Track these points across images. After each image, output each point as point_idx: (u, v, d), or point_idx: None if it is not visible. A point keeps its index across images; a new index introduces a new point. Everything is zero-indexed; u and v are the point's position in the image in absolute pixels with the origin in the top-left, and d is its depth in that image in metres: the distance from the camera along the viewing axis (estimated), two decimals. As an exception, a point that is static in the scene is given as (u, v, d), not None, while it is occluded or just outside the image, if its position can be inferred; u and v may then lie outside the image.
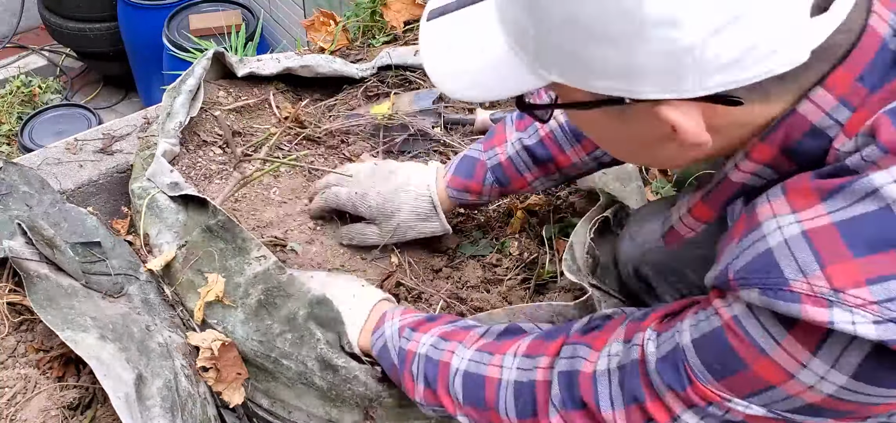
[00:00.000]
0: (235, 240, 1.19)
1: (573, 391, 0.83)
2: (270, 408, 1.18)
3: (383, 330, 1.07)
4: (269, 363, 1.13)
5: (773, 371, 0.65)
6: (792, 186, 0.66)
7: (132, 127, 1.61)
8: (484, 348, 0.94)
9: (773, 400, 0.67)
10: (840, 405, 0.64)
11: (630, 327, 0.82)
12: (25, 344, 1.12)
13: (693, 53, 0.60)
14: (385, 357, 1.05)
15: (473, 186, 1.25)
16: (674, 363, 0.73)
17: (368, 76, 1.69)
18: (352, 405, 1.12)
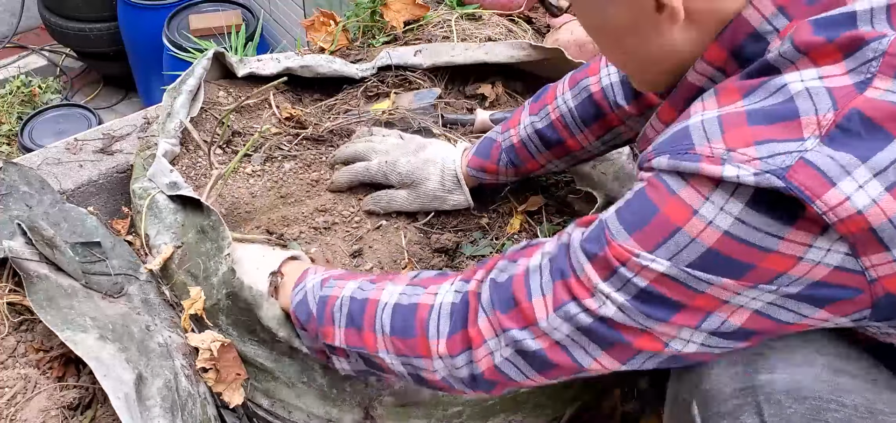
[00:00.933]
0: (218, 240, 1.18)
1: (505, 292, 0.85)
2: (270, 408, 1.18)
3: (305, 284, 1.05)
4: (269, 362, 1.13)
5: (678, 210, 0.71)
6: (722, 88, 0.76)
7: (132, 127, 1.61)
8: (417, 282, 0.96)
9: (677, 249, 0.71)
10: (736, 248, 0.69)
11: (562, 232, 0.87)
12: (25, 344, 1.12)
13: None
14: (302, 309, 1.03)
15: (489, 167, 1.33)
16: (596, 235, 0.78)
17: (368, 76, 1.69)
18: (352, 403, 1.12)
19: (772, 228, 0.68)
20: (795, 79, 0.69)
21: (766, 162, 0.66)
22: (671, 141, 0.74)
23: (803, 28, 0.71)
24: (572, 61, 1.63)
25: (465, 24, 1.89)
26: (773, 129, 0.67)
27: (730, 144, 0.68)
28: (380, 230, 1.38)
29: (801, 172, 0.65)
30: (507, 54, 1.66)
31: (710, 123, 0.71)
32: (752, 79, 0.73)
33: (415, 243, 1.37)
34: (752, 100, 0.71)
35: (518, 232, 1.39)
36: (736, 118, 0.70)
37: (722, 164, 0.68)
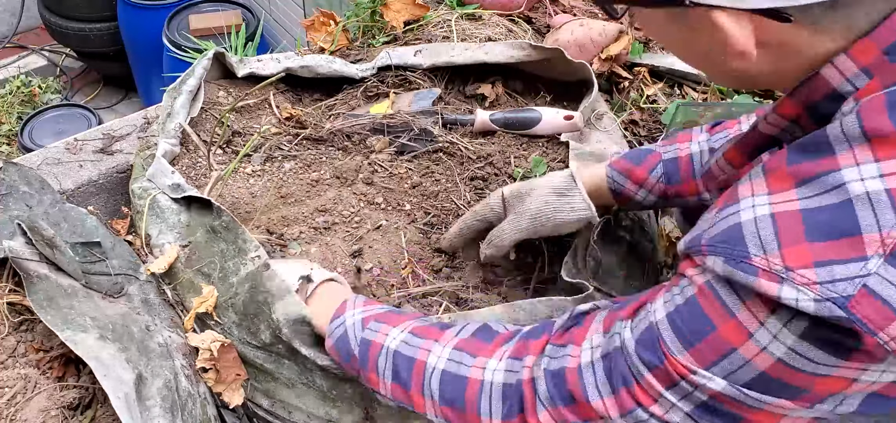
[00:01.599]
0: (236, 241, 1.19)
1: (561, 386, 0.84)
2: (270, 408, 1.18)
3: (344, 319, 1.02)
4: (269, 363, 1.13)
5: (734, 331, 0.69)
6: (771, 168, 0.72)
7: (132, 127, 1.61)
8: (463, 347, 0.93)
9: (732, 368, 0.70)
10: (790, 374, 0.68)
11: (608, 317, 0.85)
12: (25, 344, 1.12)
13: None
14: (343, 347, 1.01)
15: (638, 173, 1.17)
16: (650, 341, 0.76)
17: (368, 76, 1.69)
18: (352, 404, 1.12)
19: (828, 359, 0.66)
20: (854, 176, 0.64)
21: (827, 289, 0.63)
22: (724, 239, 0.70)
23: (876, 103, 0.66)
24: (572, 62, 1.63)
25: (465, 24, 1.89)
26: (832, 246, 0.64)
27: (788, 261, 0.65)
28: (380, 230, 1.38)
29: (864, 302, 0.62)
30: (506, 54, 1.66)
31: (764, 224, 0.67)
32: (806, 160, 0.69)
33: (415, 242, 1.37)
34: (806, 193, 0.67)
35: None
36: (792, 224, 0.66)
37: (780, 283, 0.65)
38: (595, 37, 1.79)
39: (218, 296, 1.17)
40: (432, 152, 1.52)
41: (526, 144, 1.56)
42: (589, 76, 1.62)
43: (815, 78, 0.71)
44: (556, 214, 1.17)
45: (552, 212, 1.17)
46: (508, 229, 1.20)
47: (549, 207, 1.17)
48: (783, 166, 0.70)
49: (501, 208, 1.22)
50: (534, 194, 1.18)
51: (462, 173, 1.49)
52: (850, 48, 0.68)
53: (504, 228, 1.21)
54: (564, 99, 1.70)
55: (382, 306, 1.04)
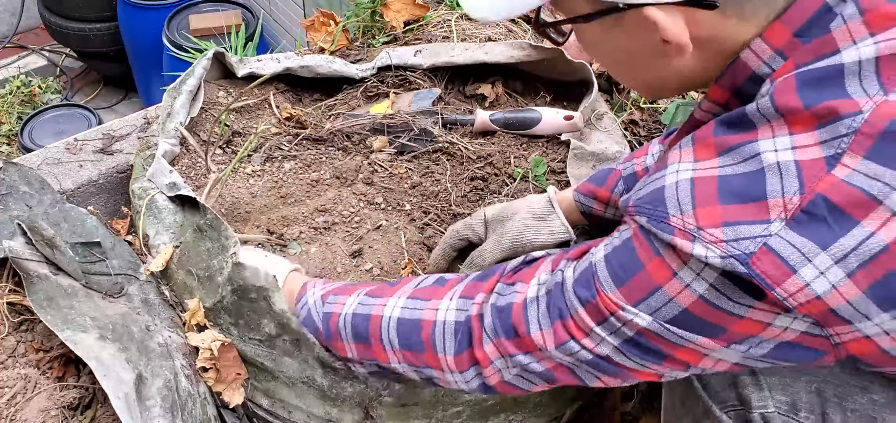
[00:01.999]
0: (220, 238, 1.18)
1: (506, 320, 0.88)
2: (270, 408, 1.18)
3: (306, 299, 1.07)
4: (269, 361, 1.13)
5: (660, 270, 0.75)
6: (699, 138, 0.77)
7: (132, 127, 1.61)
8: (416, 295, 0.98)
9: (657, 305, 0.75)
10: (710, 312, 0.73)
11: (556, 258, 0.90)
12: (25, 344, 1.12)
13: None
14: (310, 325, 1.06)
15: (601, 194, 1.24)
16: (586, 279, 0.81)
17: (368, 76, 1.69)
18: (352, 403, 1.12)
19: (742, 299, 0.71)
20: (769, 147, 0.70)
21: (732, 246, 0.69)
22: (650, 200, 0.76)
23: (787, 84, 0.71)
24: (572, 62, 1.63)
25: (464, 25, 1.89)
26: (741, 209, 0.69)
27: (700, 221, 0.71)
28: (380, 230, 1.38)
29: (763, 259, 0.68)
30: (506, 54, 1.66)
31: (683, 188, 0.73)
32: (729, 133, 0.74)
33: (414, 242, 1.37)
34: (725, 162, 0.73)
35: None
36: (708, 189, 0.72)
37: (692, 241, 0.71)
38: (595, 37, 1.79)
39: (208, 298, 1.16)
40: (432, 152, 1.52)
41: (526, 144, 1.57)
42: (589, 76, 1.62)
43: (736, 63, 0.77)
44: (537, 236, 1.23)
45: (532, 235, 1.23)
46: (490, 250, 1.24)
47: (530, 230, 1.23)
48: (709, 137, 0.76)
49: (482, 229, 1.26)
50: (515, 218, 1.23)
51: (462, 173, 1.49)
52: (764, 32, 0.74)
53: (485, 248, 1.25)
54: (564, 99, 1.70)
55: (340, 282, 1.09)
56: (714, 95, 0.82)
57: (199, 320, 1.15)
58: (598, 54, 0.91)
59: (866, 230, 0.65)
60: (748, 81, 0.77)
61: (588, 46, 0.90)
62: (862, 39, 0.69)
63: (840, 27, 0.71)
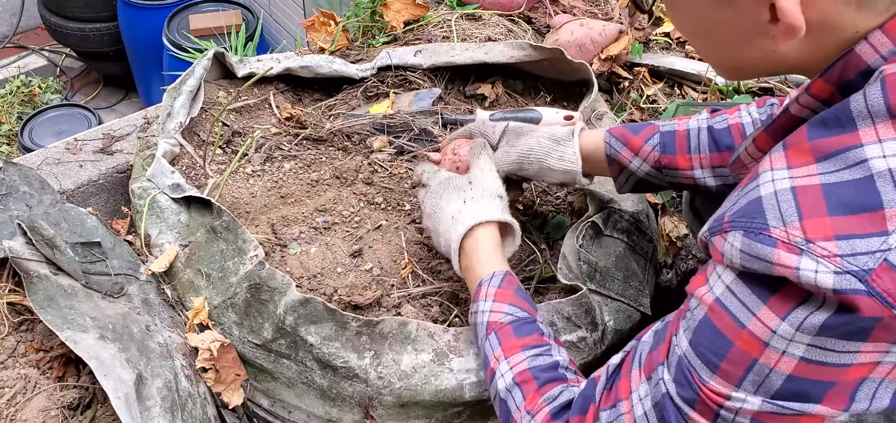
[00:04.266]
0: (237, 241, 1.19)
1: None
2: (270, 408, 1.18)
3: (477, 309, 1.04)
4: (268, 363, 1.13)
5: (750, 341, 0.69)
6: (791, 143, 0.71)
7: (132, 127, 1.61)
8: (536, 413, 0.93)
9: (760, 379, 0.70)
10: (815, 371, 0.67)
11: (647, 361, 0.83)
12: (25, 344, 1.12)
13: None
14: (473, 332, 1.06)
15: (634, 141, 1.17)
16: (684, 377, 0.75)
17: (368, 76, 1.69)
18: (352, 403, 1.12)
19: (848, 346, 0.66)
20: (877, 153, 0.64)
21: (848, 261, 0.63)
22: (745, 212, 0.70)
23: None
24: (572, 62, 1.63)
25: (465, 24, 1.89)
26: (854, 220, 0.64)
27: (809, 233, 0.64)
28: (380, 230, 1.38)
29: (884, 276, 0.62)
30: (507, 54, 1.66)
31: (785, 197, 0.67)
32: (826, 134, 0.68)
33: (414, 242, 1.37)
34: (827, 168, 0.66)
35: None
36: (813, 198, 0.66)
37: (799, 254, 0.64)
38: (595, 37, 1.79)
39: (217, 296, 1.17)
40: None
41: (526, 144, 1.57)
42: (589, 76, 1.62)
43: (849, 55, 0.70)
44: (546, 157, 1.18)
45: (542, 154, 1.18)
46: (498, 157, 1.21)
47: (541, 147, 1.18)
48: (804, 141, 0.69)
49: (495, 138, 1.22)
50: (532, 134, 1.20)
51: (462, 173, 1.49)
52: (886, 24, 0.68)
53: (495, 154, 1.22)
54: (564, 99, 1.70)
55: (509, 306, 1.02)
56: (817, 89, 0.75)
57: (203, 318, 1.15)
58: (688, 25, 0.83)
59: None
60: (860, 75, 0.70)
61: (679, 16, 0.83)
62: None
63: None
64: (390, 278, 1.30)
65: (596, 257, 1.22)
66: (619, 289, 1.20)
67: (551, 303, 1.13)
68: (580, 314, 1.14)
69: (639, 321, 1.20)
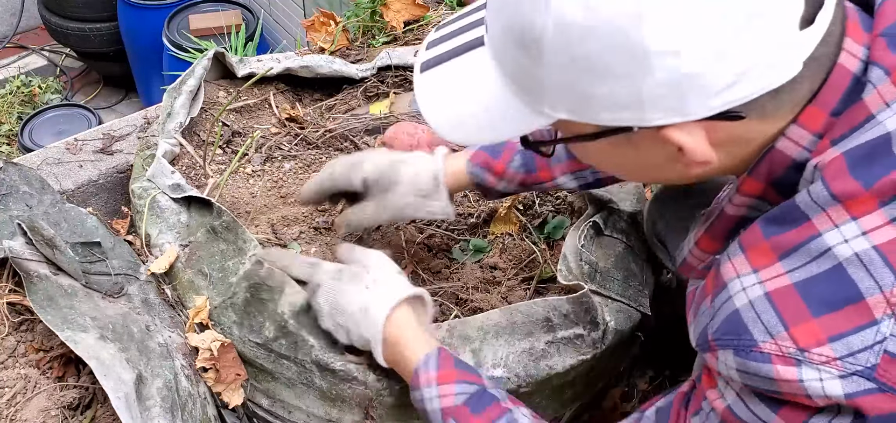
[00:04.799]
0: (237, 241, 1.19)
1: None
2: (270, 408, 1.18)
3: (422, 396, 0.98)
4: (268, 363, 1.13)
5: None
6: (748, 244, 0.71)
7: (132, 127, 1.61)
8: None
9: None
10: None
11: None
12: (25, 344, 1.12)
13: (697, 78, 0.63)
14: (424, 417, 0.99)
15: (497, 167, 1.18)
16: None
17: (368, 76, 1.69)
18: (352, 404, 1.12)
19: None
20: (837, 239, 0.64)
21: (849, 362, 0.61)
22: (728, 330, 0.68)
23: (836, 167, 0.66)
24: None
25: (465, 25, 1.89)
26: (840, 317, 0.62)
27: (800, 342, 0.63)
28: (379, 230, 1.38)
29: (890, 368, 0.61)
30: (506, 54, 1.66)
31: (762, 307, 0.66)
32: (782, 230, 0.68)
33: (414, 243, 1.37)
34: (792, 265, 0.66)
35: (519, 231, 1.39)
36: (791, 301, 0.65)
37: (797, 366, 0.63)
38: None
39: (217, 296, 1.17)
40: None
41: (526, 144, 1.56)
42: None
43: (772, 152, 0.71)
44: (416, 212, 1.21)
45: (412, 211, 1.20)
46: (369, 215, 1.21)
47: (411, 207, 1.19)
48: (761, 240, 0.70)
49: (360, 184, 1.21)
50: (397, 190, 1.18)
51: (462, 173, 1.49)
52: (799, 117, 0.69)
53: (366, 211, 1.21)
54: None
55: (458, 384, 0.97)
56: (748, 188, 0.75)
57: (203, 317, 1.15)
58: (601, 165, 0.85)
59: None
60: (789, 169, 0.71)
61: (587, 159, 0.84)
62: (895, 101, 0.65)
63: (871, 93, 0.66)
64: (390, 278, 1.30)
65: (596, 257, 1.22)
66: (619, 290, 1.20)
67: (549, 300, 1.13)
68: (579, 313, 1.14)
69: (639, 321, 1.20)
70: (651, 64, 0.63)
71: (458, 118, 0.76)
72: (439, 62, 0.78)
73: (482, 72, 0.74)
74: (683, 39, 0.62)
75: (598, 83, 0.65)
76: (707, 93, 0.64)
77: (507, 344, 1.10)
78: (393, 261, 1.11)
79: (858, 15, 0.70)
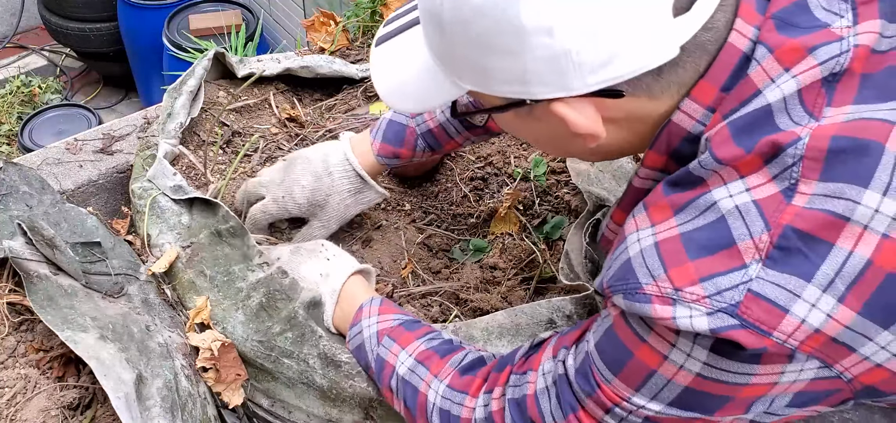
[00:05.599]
0: (243, 247, 1.19)
1: (523, 413, 0.88)
2: (270, 408, 1.18)
3: (361, 327, 1.08)
4: (269, 362, 1.13)
5: (650, 355, 0.73)
6: (651, 202, 0.76)
7: (132, 127, 1.61)
8: (454, 385, 0.98)
9: (657, 389, 0.74)
10: (712, 386, 0.71)
11: (557, 342, 0.89)
12: (25, 344, 1.12)
13: (571, 57, 0.70)
14: (361, 357, 1.08)
15: (404, 153, 1.28)
16: (585, 371, 0.80)
17: (368, 76, 1.69)
18: (352, 404, 1.12)
19: (742, 368, 0.69)
20: (723, 195, 0.69)
21: (715, 300, 0.66)
22: (620, 277, 0.74)
23: (721, 136, 0.71)
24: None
25: (464, 25, 1.89)
26: (713, 260, 0.68)
27: (676, 282, 0.68)
28: (380, 230, 1.38)
29: (752, 306, 0.65)
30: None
31: (649, 254, 0.71)
32: (679, 191, 0.73)
33: (414, 242, 1.37)
34: (683, 218, 0.71)
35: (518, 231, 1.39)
36: (674, 248, 0.70)
37: (672, 304, 0.68)
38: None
39: (223, 299, 1.17)
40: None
41: (525, 143, 1.56)
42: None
43: (669, 125, 0.77)
44: (357, 209, 1.30)
45: (354, 211, 1.30)
46: (318, 233, 1.30)
47: (350, 209, 1.29)
48: (661, 199, 0.75)
49: (298, 211, 1.28)
50: (332, 200, 1.27)
51: (462, 173, 1.49)
52: (692, 91, 0.74)
53: (314, 233, 1.30)
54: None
55: (395, 314, 1.08)
56: (651, 161, 0.81)
57: (205, 317, 1.15)
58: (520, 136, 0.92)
59: (844, 250, 0.64)
60: (684, 141, 0.77)
61: (508, 129, 0.91)
62: (779, 76, 0.70)
63: (755, 69, 0.71)
64: (390, 278, 1.30)
65: (598, 256, 1.22)
66: (619, 289, 1.21)
67: (552, 301, 1.14)
68: (583, 314, 1.14)
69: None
70: (529, 41, 0.69)
71: (399, 88, 0.85)
72: (389, 37, 0.88)
73: (417, 46, 0.83)
74: (556, 17, 0.67)
75: (491, 58, 0.72)
76: (583, 70, 0.70)
77: (510, 345, 1.10)
78: None
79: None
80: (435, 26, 0.76)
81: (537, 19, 0.68)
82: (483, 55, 0.73)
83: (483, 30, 0.71)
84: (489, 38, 0.71)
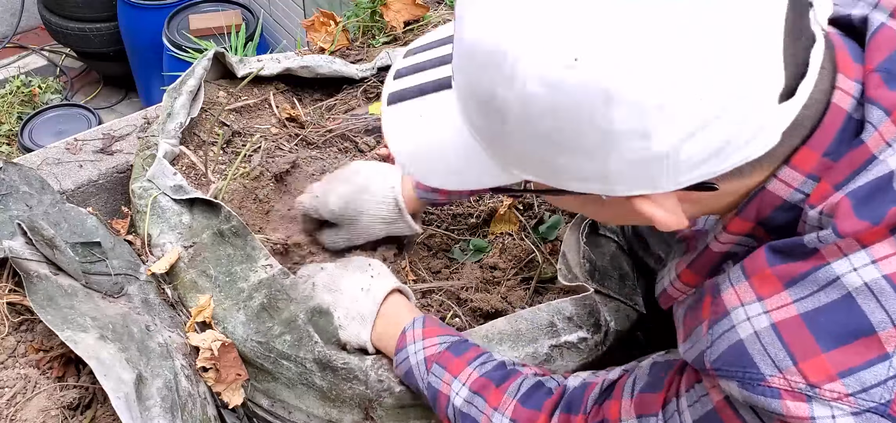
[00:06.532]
0: (245, 247, 1.19)
1: None
2: (270, 408, 1.18)
3: (407, 354, 1.04)
4: (268, 363, 1.13)
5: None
6: (752, 271, 0.68)
7: (132, 127, 1.61)
8: (518, 418, 0.94)
9: None
10: None
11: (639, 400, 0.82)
12: (25, 344, 1.12)
13: (666, 158, 0.61)
14: (411, 382, 1.06)
15: (442, 192, 1.24)
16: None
17: (368, 76, 1.69)
18: (352, 405, 1.12)
19: None
20: (845, 268, 0.62)
21: (862, 399, 0.60)
22: (732, 361, 0.66)
23: (843, 211, 0.63)
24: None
25: (464, 25, 1.89)
26: (850, 351, 0.61)
27: (811, 377, 0.61)
28: (380, 230, 1.38)
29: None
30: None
31: (768, 339, 0.64)
32: (789, 261, 0.66)
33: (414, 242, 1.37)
34: (798, 294, 0.64)
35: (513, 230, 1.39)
36: (797, 333, 0.63)
37: (808, 402, 0.61)
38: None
39: (225, 299, 1.17)
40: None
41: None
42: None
43: (762, 194, 0.69)
44: (386, 232, 1.28)
45: (382, 234, 1.28)
46: (342, 243, 1.30)
47: (379, 232, 1.28)
48: (765, 268, 0.67)
49: (328, 214, 1.27)
50: (362, 219, 1.25)
51: (462, 173, 1.48)
52: (792, 159, 0.67)
53: (337, 240, 1.29)
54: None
55: (440, 336, 1.04)
56: (735, 227, 0.74)
57: (206, 317, 1.15)
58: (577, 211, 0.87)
59: None
60: (779, 210, 0.69)
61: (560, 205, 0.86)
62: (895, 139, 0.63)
63: (872, 135, 0.64)
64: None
65: (595, 255, 1.22)
66: (616, 288, 1.20)
67: (552, 303, 1.13)
68: (583, 315, 1.14)
69: (636, 320, 1.20)
70: (619, 145, 0.60)
71: (426, 160, 0.75)
72: (407, 97, 0.76)
73: (449, 117, 0.72)
74: (654, 122, 0.58)
75: (563, 156, 0.63)
76: (678, 170, 0.62)
77: (512, 349, 1.10)
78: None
79: (847, 46, 0.68)
80: (488, 116, 0.66)
81: (632, 123, 0.59)
82: (554, 154, 0.63)
83: (557, 130, 0.61)
84: (564, 138, 0.61)
